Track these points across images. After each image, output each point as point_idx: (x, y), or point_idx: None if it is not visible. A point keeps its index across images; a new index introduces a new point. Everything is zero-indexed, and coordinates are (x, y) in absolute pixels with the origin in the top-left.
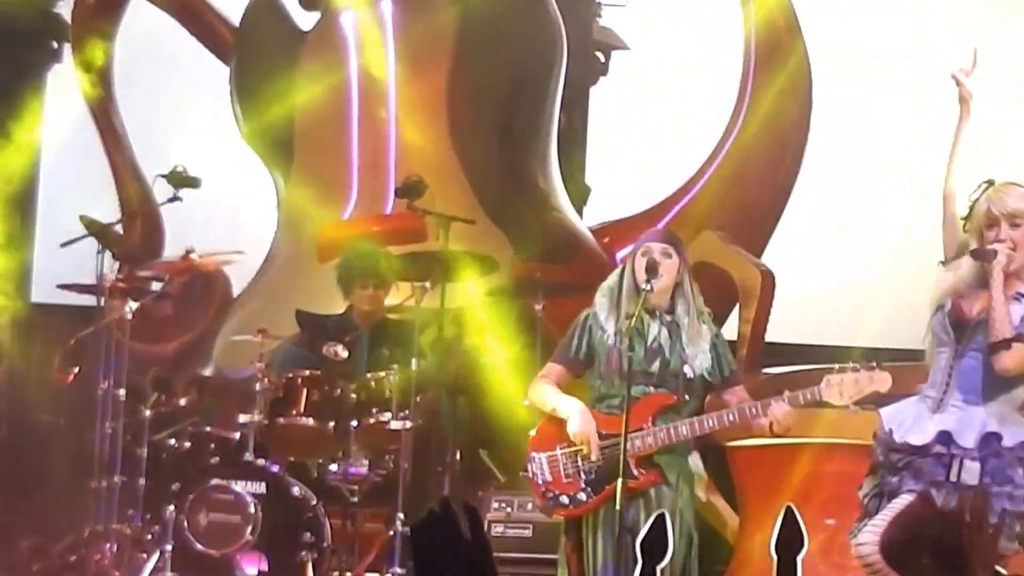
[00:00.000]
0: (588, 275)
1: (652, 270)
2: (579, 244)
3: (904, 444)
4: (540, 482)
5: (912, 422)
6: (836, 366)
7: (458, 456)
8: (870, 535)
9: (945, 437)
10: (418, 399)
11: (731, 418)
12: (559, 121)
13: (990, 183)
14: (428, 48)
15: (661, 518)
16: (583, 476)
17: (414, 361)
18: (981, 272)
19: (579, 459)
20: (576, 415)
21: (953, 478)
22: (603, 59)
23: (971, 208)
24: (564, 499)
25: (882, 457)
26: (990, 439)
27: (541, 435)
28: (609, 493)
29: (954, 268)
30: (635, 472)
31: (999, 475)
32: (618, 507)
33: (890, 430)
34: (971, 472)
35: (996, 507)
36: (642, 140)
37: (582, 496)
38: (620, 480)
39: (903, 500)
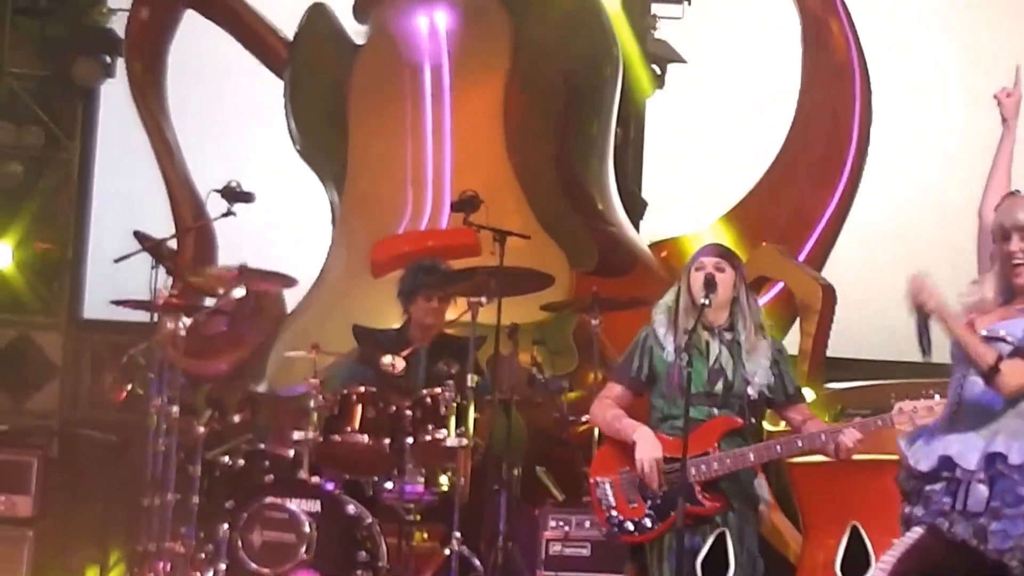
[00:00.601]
0: (645, 290)
1: (709, 285)
2: (636, 258)
3: (916, 471)
4: (604, 507)
5: (922, 447)
6: (899, 381)
7: (515, 474)
8: (880, 574)
9: (948, 462)
10: (474, 416)
11: (800, 445)
12: (615, 134)
13: (1012, 194)
14: (484, 62)
15: (721, 537)
16: (648, 501)
17: (470, 377)
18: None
19: (644, 484)
20: (642, 441)
21: (959, 505)
22: (659, 72)
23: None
24: (629, 525)
25: (904, 485)
26: (994, 459)
27: (603, 458)
28: (675, 519)
29: (980, 285)
30: (699, 498)
31: (1009, 496)
32: (677, 525)
33: (907, 456)
34: (977, 497)
35: (1013, 531)
36: (699, 153)
37: (647, 522)
38: (680, 503)
39: (913, 534)
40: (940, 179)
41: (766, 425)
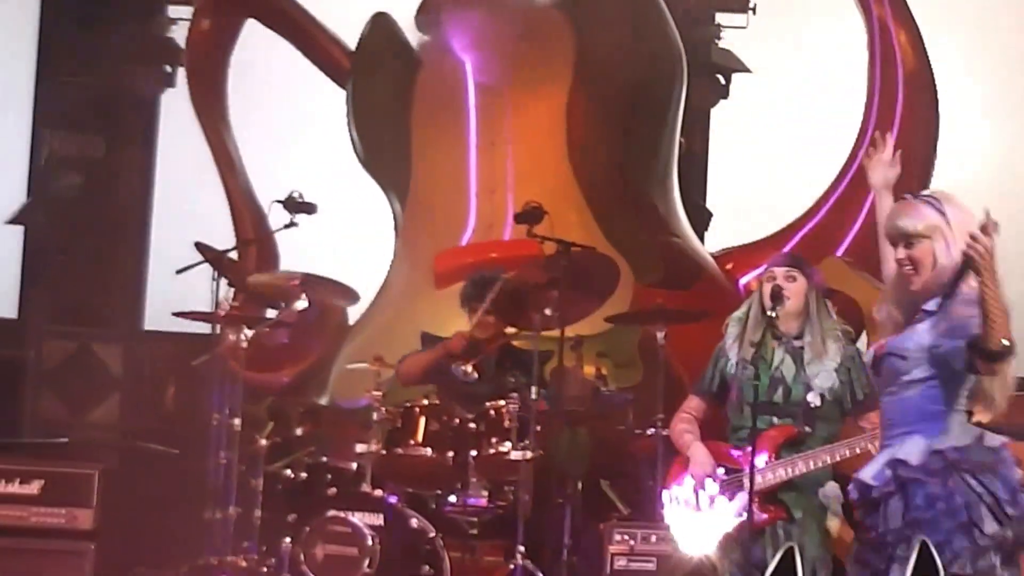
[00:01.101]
0: (711, 301)
1: (777, 297)
2: (701, 270)
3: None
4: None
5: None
6: None
7: (579, 487)
8: None
9: (865, 488)
10: (538, 428)
11: (843, 452)
12: (679, 145)
13: (903, 199)
14: (546, 72)
15: (790, 551)
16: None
17: (534, 390)
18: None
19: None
20: (695, 456)
21: (882, 528)
22: (724, 81)
23: None
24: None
25: None
26: (896, 467)
27: (675, 472)
28: (736, 530)
29: (884, 302)
30: (753, 509)
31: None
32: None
33: None
34: (894, 514)
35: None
36: (764, 164)
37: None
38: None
39: None
40: (1012, 190)
41: None
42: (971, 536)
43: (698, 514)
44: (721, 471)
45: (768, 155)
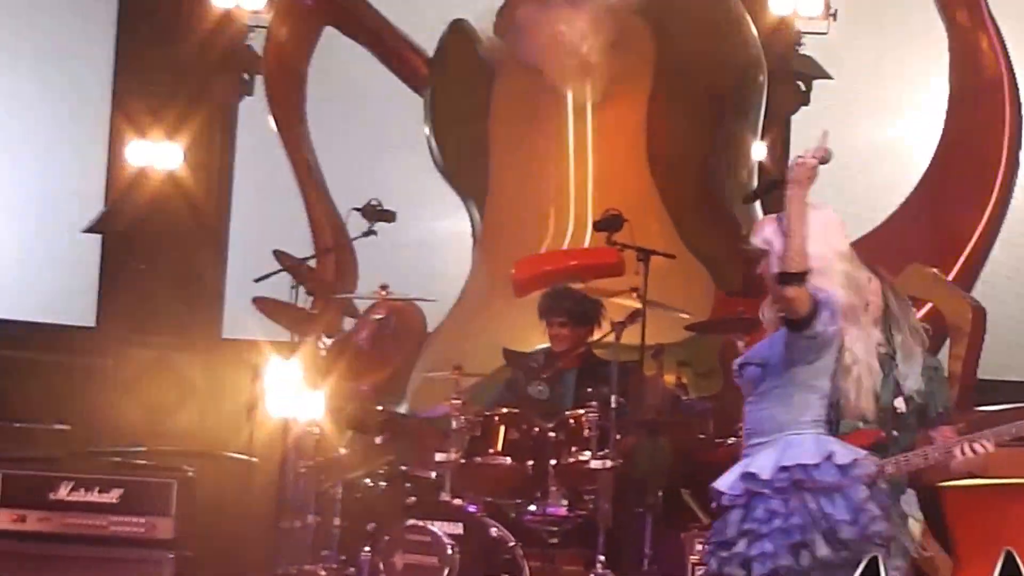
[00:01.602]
0: None
1: None
2: None
3: None
4: None
5: None
6: None
7: (659, 496)
8: None
9: (717, 493)
10: (618, 438)
11: (928, 457)
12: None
13: None
14: (627, 78)
15: (874, 560)
16: None
17: (613, 399)
18: None
19: None
20: None
21: (719, 538)
22: (804, 88)
23: None
24: None
25: None
26: (749, 479)
27: None
28: None
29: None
30: None
31: (760, 511)
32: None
33: None
34: (734, 523)
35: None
36: (845, 170)
37: None
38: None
39: None
40: None
41: None
42: (798, 557)
43: None
44: None
45: (848, 162)
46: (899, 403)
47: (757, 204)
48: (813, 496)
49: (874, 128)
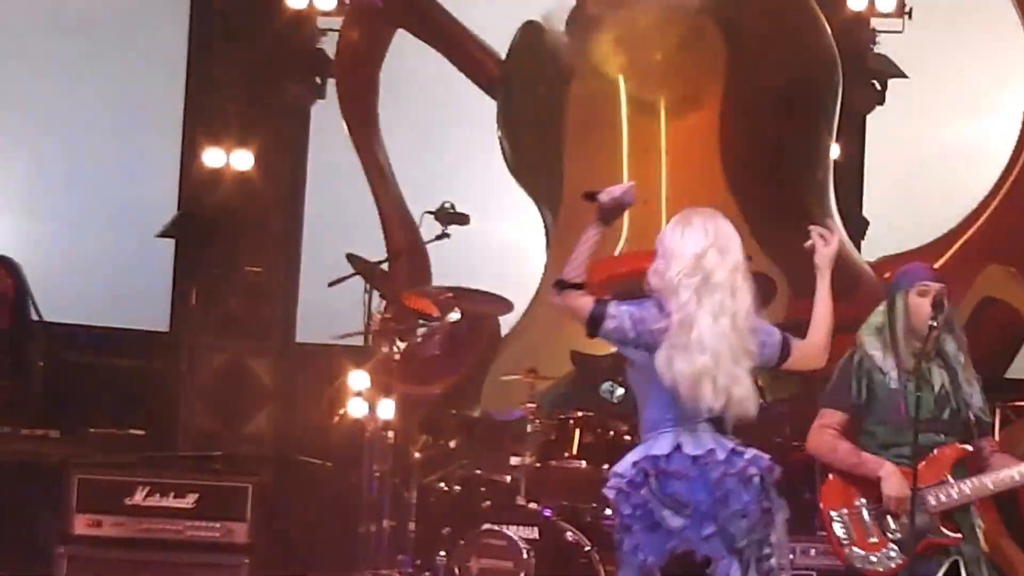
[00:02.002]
0: (868, 312)
1: (939, 306)
2: (858, 279)
3: None
4: (842, 542)
5: None
6: None
7: None
8: None
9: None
10: None
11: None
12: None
13: None
14: (698, 78)
15: (955, 565)
16: (888, 535)
17: None
18: None
19: (886, 517)
20: (891, 477)
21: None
22: (879, 87)
23: None
24: (873, 558)
25: None
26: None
27: (835, 491)
28: (920, 551)
29: None
30: (942, 529)
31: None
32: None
33: None
34: (615, 508)
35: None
36: (921, 170)
37: (892, 555)
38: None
39: None
40: None
41: None
42: (659, 537)
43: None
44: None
45: (924, 161)
46: (971, 415)
47: (833, 202)
48: (664, 480)
49: (949, 127)
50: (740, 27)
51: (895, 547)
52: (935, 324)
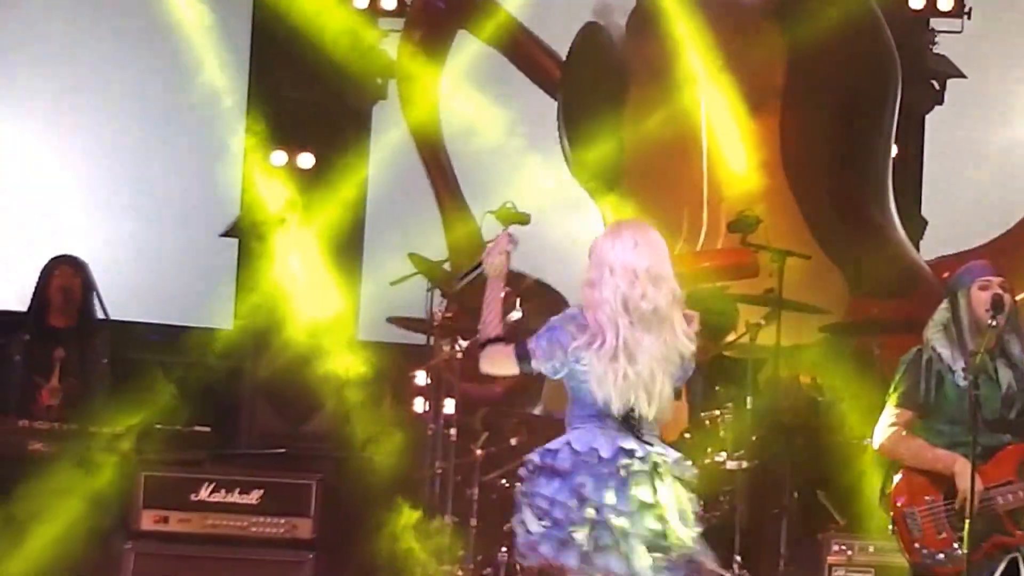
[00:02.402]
0: (927, 311)
1: (999, 306)
2: (917, 279)
3: None
4: (912, 538)
5: None
6: None
7: (795, 497)
8: None
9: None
10: (753, 439)
11: None
12: (893, 151)
13: None
14: (760, 79)
15: (1014, 560)
16: (956, 532)
17: (748, 400)
18: None
19: (954, 515)
20: (965, 474)
21: None
22: (938, 87)
23: None
24: (940, 556)
25: None
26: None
27: (906, 489)
28: (987, 550)
29: None
30: (1008, 527)
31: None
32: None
33: None
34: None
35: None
36: (980, 170)
37: (959, 553)
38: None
39: None
40: None
41: None
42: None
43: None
44: None
45: (983, 161)
46: None
47: (892, 202)
48: (547, 479)
49: (1008, 127)
50: (800, 28)
51: (961, 545)
52: (994, 324)
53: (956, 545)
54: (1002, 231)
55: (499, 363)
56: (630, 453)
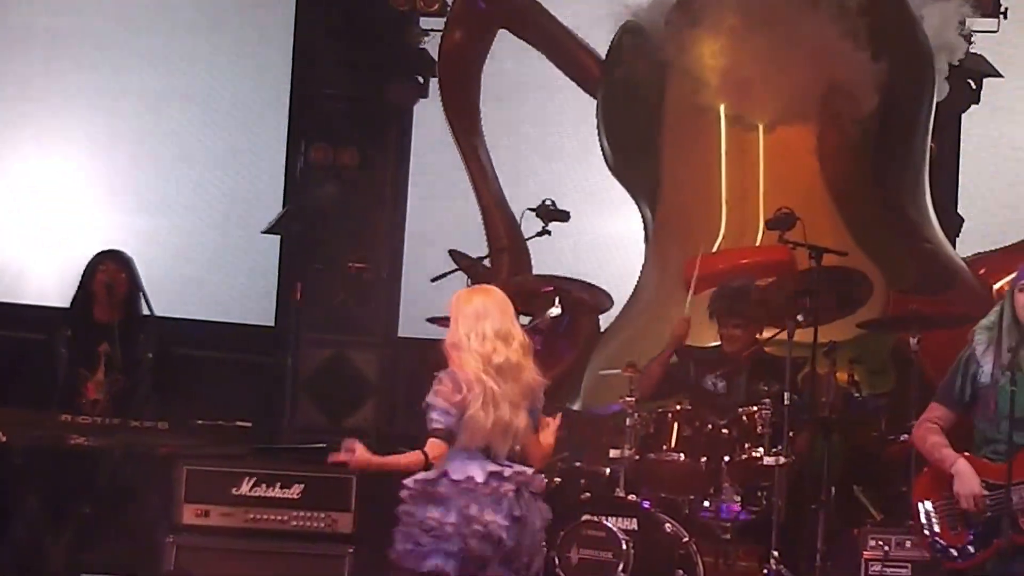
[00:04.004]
0: (964, 307)
1: None
2: (954, 275)
3: None
4: (927, 532)
5: None
6: None
7: (832, 493)
8: None
9: None
10: (791, 435)
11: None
12: (930, 149)
13: None
14: (796, 78)
15: None
16: (971, 528)
17: (786, 396)
18: None
19: (970, 512)
20: (961, 475)
21: None
22: (974, 86)
23: None
24: (952, 551)
25: None
26: None
27: (927, 482)
28: (998, 547)
29: None
30: (1022, 526)
31: None
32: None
33: None
34: None
35: None
36: (1015, 168)
37: (970, 549)
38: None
39: None
40: None
41: None
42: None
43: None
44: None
45: (1019, 159)
46: None
47: (928, 199)
48: (432, 504)
49: None
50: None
51: (974, 540)
52: None
53: (968, 542)
54: None
55: (433, 452)
56: (499, 475)
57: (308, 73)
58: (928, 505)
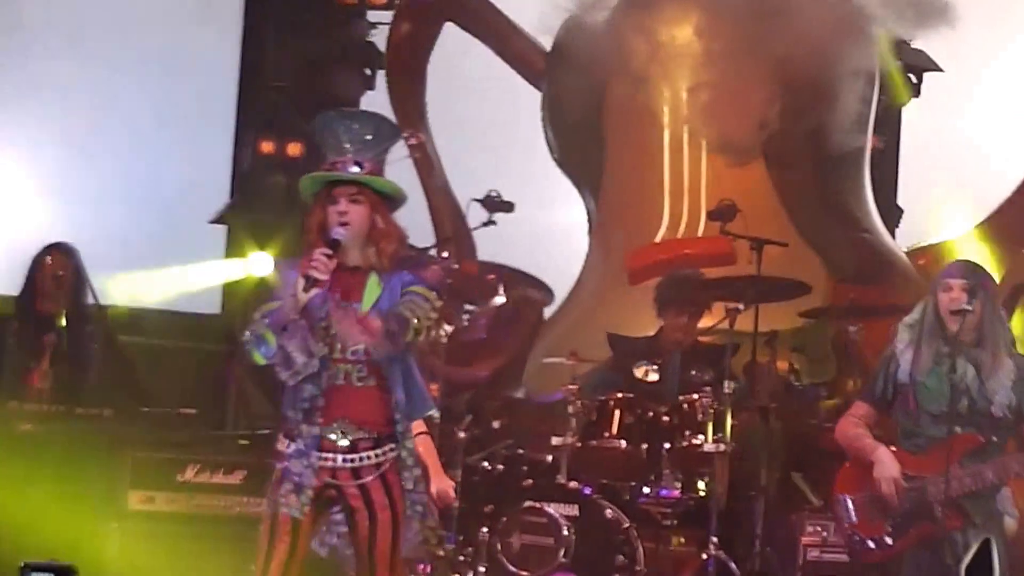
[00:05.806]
0: (903, 297)
1: (959, 313)
2: (893, 266)
3: None
4: (846, 524)
5: None
6: None
7: (771, 479)
8: None
9: None
10: (731, 422)
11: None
12: (871, 143)
13: None
14: (740, 71)
15: (987, 542)
16: (888, 519)
17: (727, 384)
18: None
19: (888, 504)
20: (881, 461)
21: None
22: (915, 80)
23: None
24: (870, 543)
25: None
26: None
27: (847, 476)
28: (913, 537)
29: None
30: (938, 516)
31: None
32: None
33: None
34: None
35: None
36: (955, 160)
37: (887, 540)
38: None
39: None
40: None
41: None
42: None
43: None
44: None
45: (959, 152)
46: (995, 409)
47: (869, 191)
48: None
49: (982, 118)
50: (781, 20)
51: (891, 530)
52: (956, 328)
53: (884, 533)
54: (978, 220)
55: None
56: None
57: (256, 66)
58: (847, 496)
